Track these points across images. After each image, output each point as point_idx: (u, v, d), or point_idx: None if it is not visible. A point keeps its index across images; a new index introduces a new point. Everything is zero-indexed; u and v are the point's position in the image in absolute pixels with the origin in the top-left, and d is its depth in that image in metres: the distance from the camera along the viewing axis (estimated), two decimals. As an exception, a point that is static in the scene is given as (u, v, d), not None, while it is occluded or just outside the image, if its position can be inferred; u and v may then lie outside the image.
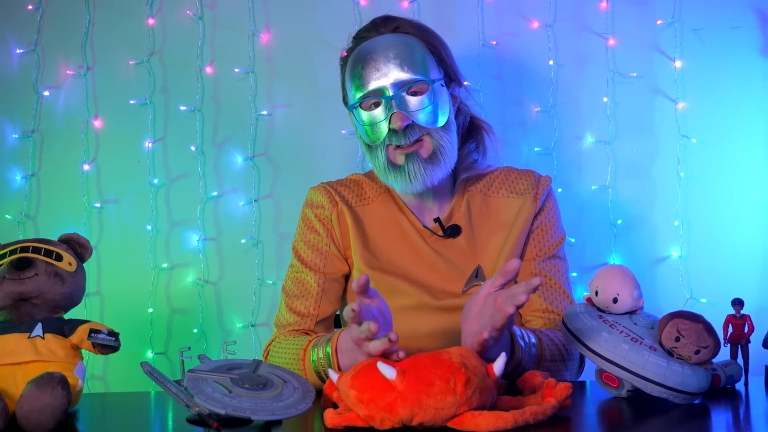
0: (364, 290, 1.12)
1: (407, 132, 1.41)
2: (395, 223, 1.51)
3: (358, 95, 1.44)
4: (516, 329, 1.31)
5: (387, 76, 1.41)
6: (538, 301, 1.48)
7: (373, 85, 1.42)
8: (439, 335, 1.43)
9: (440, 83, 1.45)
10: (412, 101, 1.41)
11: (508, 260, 1.47)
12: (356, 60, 1.46)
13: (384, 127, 1.42)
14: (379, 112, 1.42)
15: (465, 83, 1.55)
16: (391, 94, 1.41)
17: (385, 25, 1.49)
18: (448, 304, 1.44)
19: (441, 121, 1.44)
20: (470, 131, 1.56)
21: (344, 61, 1.52)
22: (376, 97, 1.42)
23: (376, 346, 1.06)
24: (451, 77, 1.50)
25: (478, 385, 0.99)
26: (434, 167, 1.43)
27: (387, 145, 1.43)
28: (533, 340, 1.32)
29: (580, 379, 1.46)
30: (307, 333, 1.47)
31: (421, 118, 1.41)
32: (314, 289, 1.50)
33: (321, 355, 1.30)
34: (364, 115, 1.44)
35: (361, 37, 1.50)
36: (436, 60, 1.47)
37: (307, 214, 1.56)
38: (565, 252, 1.54)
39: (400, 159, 1.43)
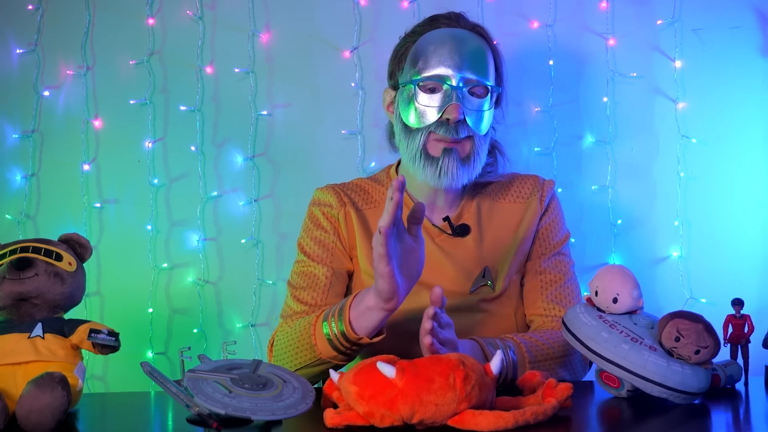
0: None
1: (458, 127, 1.42)
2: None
3: (423, 74, 1.43)
4: (488, 340, 1.35)
5: (459, 67, 1.42)
6: (540, 299, 1.49)
7: (443, 70, 1.42)
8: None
9: (495, 96, 1.48)
10: (472, 101, 1.43)
11: (515, 261, 1.50)
12: (432, 40, 1.45)
13: (434, 115, 1.42)
14: (435, 98, 1.42)
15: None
16: (455, 84, 1.41)
17: (464, 21, 1.50)
18: (455, 304, 1.44)
19: (484, 130, 1.45)
20: (489, 150, 1.58)
21: (411, 37, 1.51)
22: (438, 82, 1.42)
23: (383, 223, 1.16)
24: (499, 97, 1.52)
25: (477, 381, 1.00)
26: (466, 169, 1.44)
27: (429, 133, 1.43)
28: (510, 344, 1.35)
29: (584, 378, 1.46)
30: None
31: (473, 119, 1.43)
32: (322, 281, 1.50)
33: (335, 327, 1.28)
34: (421, 95, 1.43)
35: (438, 21, 1.50)
36: (496, 76, 1.49)
37: (314, 212, 1.56)
38: (569, 250, 1.57)
39: (437, 151, 1.43)
